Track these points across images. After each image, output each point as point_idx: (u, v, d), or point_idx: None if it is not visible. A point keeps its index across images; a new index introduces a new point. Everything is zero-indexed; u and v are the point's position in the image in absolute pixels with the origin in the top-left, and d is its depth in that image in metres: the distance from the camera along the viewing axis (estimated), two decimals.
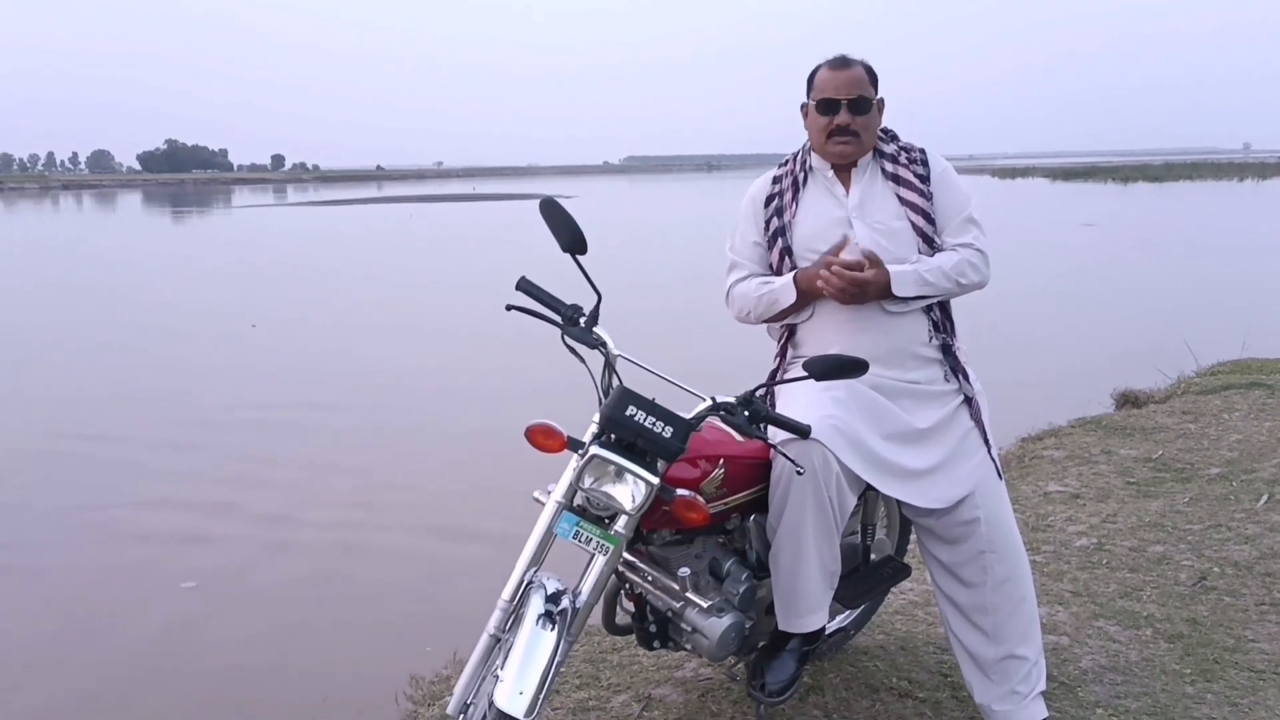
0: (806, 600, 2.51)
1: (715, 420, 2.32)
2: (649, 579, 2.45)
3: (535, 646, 2.10)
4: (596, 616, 2.51)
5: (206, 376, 9.82)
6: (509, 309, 2.33)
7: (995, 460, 2.66)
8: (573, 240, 2.32)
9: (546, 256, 2.40)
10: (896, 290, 2.54)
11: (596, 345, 2.33)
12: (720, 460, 2.40)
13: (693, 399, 2.28)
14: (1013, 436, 6.10)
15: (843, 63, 2.66)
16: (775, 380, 2.58)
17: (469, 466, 6.84)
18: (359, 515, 5.92)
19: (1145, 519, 4.37)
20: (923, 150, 2.74)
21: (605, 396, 2.27)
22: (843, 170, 2.72)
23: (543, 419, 2.25)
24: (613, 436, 2.21)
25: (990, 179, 65.57)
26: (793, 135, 2.87)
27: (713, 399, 2.27)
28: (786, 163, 2.83)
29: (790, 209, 2.73)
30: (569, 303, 2.35)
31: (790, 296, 2.64)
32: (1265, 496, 4.53)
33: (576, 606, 2.22)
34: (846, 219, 2.66)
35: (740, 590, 2.50)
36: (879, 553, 2.96)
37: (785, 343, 2.77)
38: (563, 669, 2.41)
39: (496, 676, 2.10)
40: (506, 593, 2.23)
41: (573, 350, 2.34)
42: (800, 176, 2.76)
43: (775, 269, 2.72)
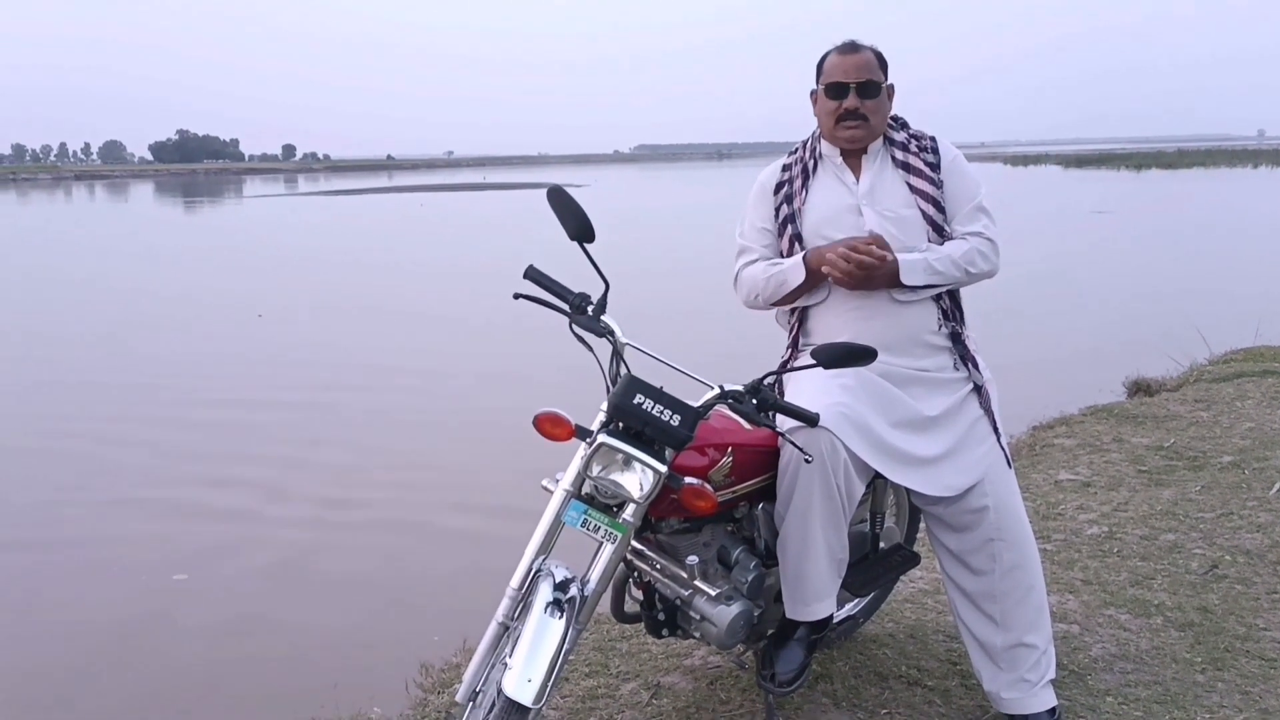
0: (814, 588, 2.51)
1: (723, 408, 2.32)
2: (657, 567, 2.45)
3: (543, 634, 2.10)
4: (605, 604, 2.51)
5: (209, 364, 9.91)
6: (516, 297, 2.33)
7: (1004, 448, 2.65)
8: (580, 229, 2.32)
9: (556, 242, 2.39)
10: (905, 279, 2.53)
11: (604, 334, 2.33)
12: (728, 448, 2.40)
13: (701, 387, 2.27)
14: (1024, 424, 6.08)
15: (851, 47, 2.64)
16: (784, 368, 2.57)
17: (479, 455, 6.86)
18: (368, 503, 5.95)
19: (1157, 507, 4.35)
20: (933, 138, 2.72)
21: (613, 385, 2.27)
22: (852, 157, 2.71)
23: (550, 407, 2.25)
24: (621, 425, 2.21)
25: (1003, 166, 65.25)
26: (804, 123, 2.87)
27: (721, 387, 2.26)
28: (796, 150, 2.82)
29: (800, 196, 2.72)
30: (577, 291, 2.35)
31: (799, 276, 2.62)
32: (1277, 485, 4.50)
33: (585, 594, 2.22)
34: (856, 206, 2.65)
35: (749, 578, 2.50)
36: (888, 541, 2.96)
37: (796, 332, 2.76)
38: (571, 657, 2.42)
39: (505, 664, 2.10)
40: (515, 581, 2.23)
41: (580, 339, 2.34)
42: (810, 164, 2.75)
43: (785, 256, 2.71)
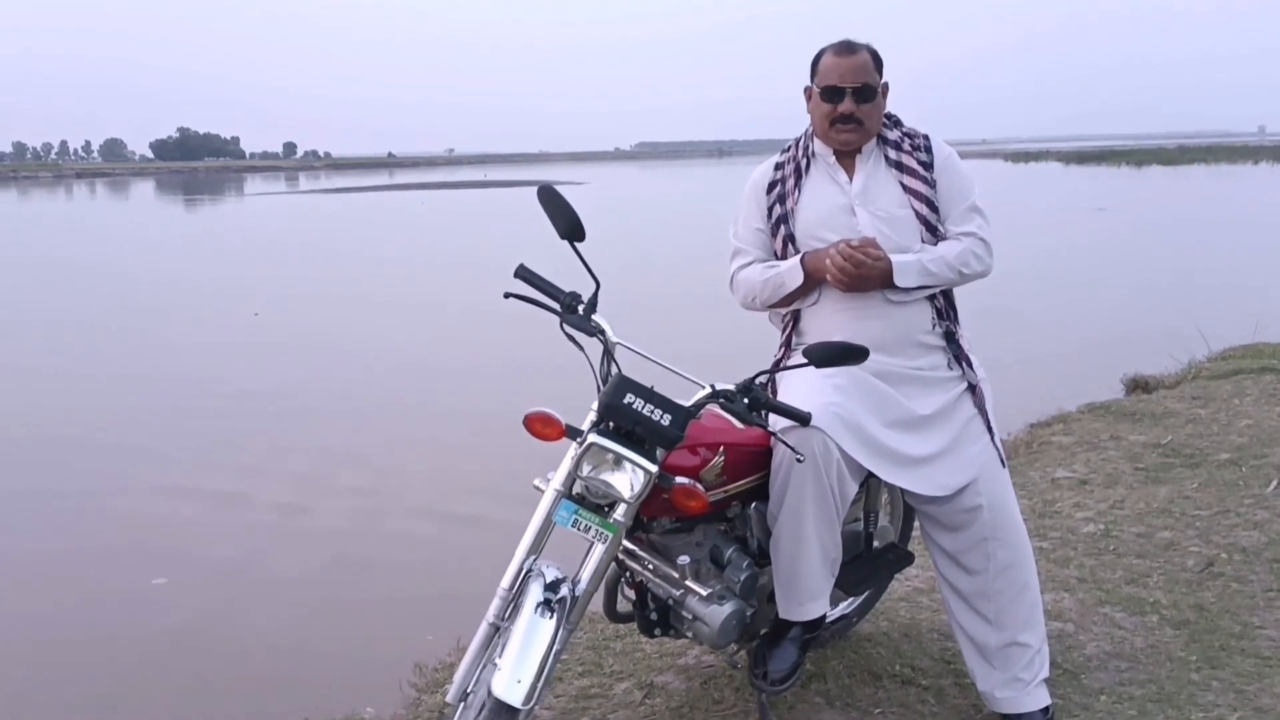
0: (807, 588, 2.51)
1: (715, 408, 2.31)
2: (649, 567, 2.45)
3: (534, 635, 2.10)
4: (598, 604, 2.50)
5: (205, 361, 9.91)
6: (507, 297, 2.32)
7: (998, 447, 2.65)
8: (570, 227, 2.31)
9: (556, 242, 2.38)
10: (899, 280, 2.52)
11: (595, 333, 2.32)
12: (720, 448, 2.39)
13: (692, 386, 2.27)
14: (1021, 422, 6.07)
15: (848, 48, 2.62)
16: (776, 367, 2.56)
17: (469, 453, 6.83)
18: (360, 502, 5.93)
19: (1153, 505, 4.34)
20: (926, 137, 2.71)
21: (604, 384, 2.26)
22: (845, 157, 2.70)
23: (541, 407, 2.24)
24: (611, 424, 2.20)
25: (1003, 163, 65.17)
26: (803, 119, 2.82)
27: (712, 386, 2.25)
28: (789, 148, 2.80)
29: (793, 196, 2.70)
30: (568, 290, 2.34)
31: (797, 279, 2.62)
32: (1275, 482, 4.49)
33: (576, 595, 2.22)
34: (849, 206, 2.64)
35: (741, 578, 2.49)
36: (882, 540, 2.95)
37: (789, 332, 2.75)
38: (563, 657, 2.41)
39: (495, 665, 2.10)
40: (506, 581, 2.22)
41: (571, 338, 2.33)
42: (803, 163, 2.73)
43: (779, 256, 2.70)
